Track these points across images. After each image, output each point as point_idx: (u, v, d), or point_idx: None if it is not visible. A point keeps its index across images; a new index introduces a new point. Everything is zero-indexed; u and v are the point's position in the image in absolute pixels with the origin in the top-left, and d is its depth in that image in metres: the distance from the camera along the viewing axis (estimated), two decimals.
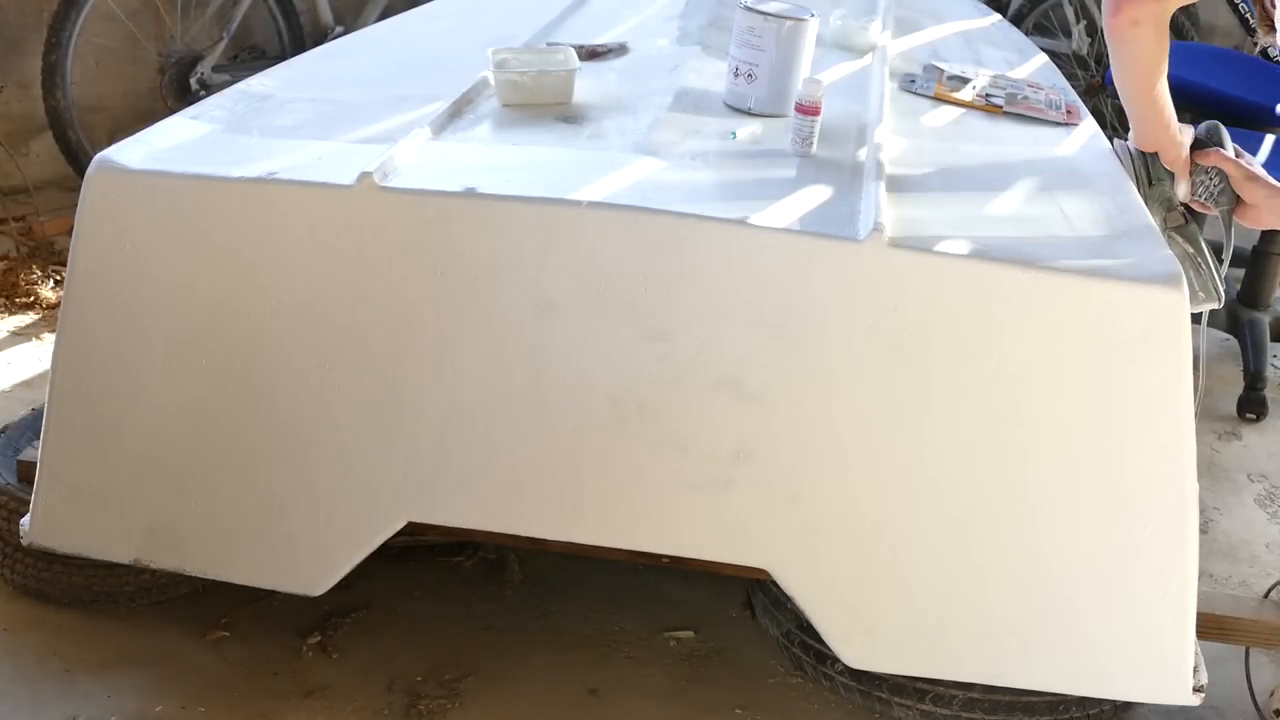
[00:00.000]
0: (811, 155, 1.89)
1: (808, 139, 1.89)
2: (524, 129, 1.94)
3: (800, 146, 1.89)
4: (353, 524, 1.77)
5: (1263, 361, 2.90)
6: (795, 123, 1.89)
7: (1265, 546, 2.40)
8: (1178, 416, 1.63)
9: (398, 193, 1.68)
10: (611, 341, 1.68)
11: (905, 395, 1.65)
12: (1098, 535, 1.67)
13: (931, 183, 1.88)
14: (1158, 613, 1.70)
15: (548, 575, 2.12)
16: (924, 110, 2.19)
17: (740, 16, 2.05)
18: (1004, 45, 2.77)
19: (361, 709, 1.82)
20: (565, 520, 1.76)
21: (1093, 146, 2.13)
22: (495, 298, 1.68)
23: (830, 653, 1.78)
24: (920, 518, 1.69)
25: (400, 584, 2.06)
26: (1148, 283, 1.62)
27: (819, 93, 1.87)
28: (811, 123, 1.88)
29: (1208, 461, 2.65)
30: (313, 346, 1.72)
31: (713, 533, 1.74)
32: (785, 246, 1.64)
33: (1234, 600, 1.92)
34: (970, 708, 1.81)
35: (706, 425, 1.69)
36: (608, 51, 2.32)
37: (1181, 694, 1.73)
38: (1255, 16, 3.31)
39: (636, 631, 2.02)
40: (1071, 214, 1.81)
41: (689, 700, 1.89)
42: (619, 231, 1.66)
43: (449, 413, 1.72)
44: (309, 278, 1.70)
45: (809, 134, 1.89)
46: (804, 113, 1.88)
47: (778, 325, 1.65)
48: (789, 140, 1.91)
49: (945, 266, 1.62)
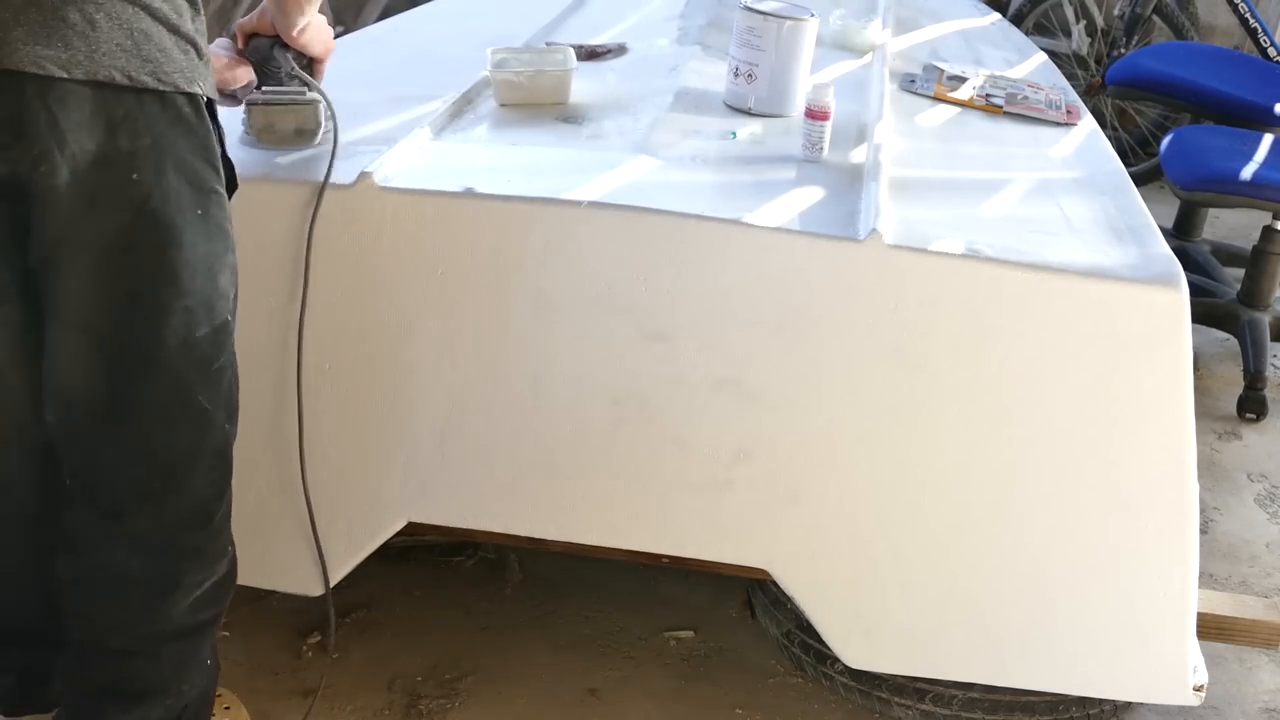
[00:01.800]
0: (822, 160, 1.88)
1: (817, 144, 1.88)
2: (524, 129, 1.94)
3: (810, 152, 1.88)
4: (353, 524, 1.77)
5: (1263, 361, 2.90)
6: (805, 128, 1.88)
7: (1265, 546, 2.40)
8: (1178, 416, 1.63)
9: (398, 193, 1.68)
10: (611, 341, 1.68)
11: (905, 395, 1.65)
12: (1098, 535, 1.67)
13: (931, 183, 1.88)
14: (1158, 613, 1.70)
15: (548, 575, 2.12)
16: (924, 110, 2.19)
17: (740, 16, 2.05)
18: (1004, 45, 2.77)
19: (361, 709, 1.83)
20: (565, 520, 1.76)
21: (1093, 146, 2.13)
22: (495, 298, 1.68)
23: (830, 653, 1.78)
24: (920, 518, 1.69)
25: (400, 584, 2.07)
26: (1148, 283, 1.62)
27: (828, 97, 1.86)
28: (821, 128, 1.87)
29: (1208, 461, 2.65)
30: (312, 347, 1.72)
31: (713, 533, 1.74)
32: (785, 246, 1.64)
33: (1234, 600, 1.92)
34: (970, 708, 1.81)
35: (706, 425, 1.69)
36: (606, 52, 2.32)
37: (1181, 694, 1.73)
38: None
39: (636, 631, 2.02)
40: (1071, 214, 1.81)
41: (689, 700, 1.89)
42: (619, 231, 1.66)
43: (449, 413, 1.72)
44: (309, 277, 1.70)
45: (819, 139, 1.88)
46: (814, 118, 1.87)
47: (778, 325, 1.65)
48: (799, 146, 1.90)
49: (945, 267, 1.62)
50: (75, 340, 1.32)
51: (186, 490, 1.43)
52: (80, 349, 1.33)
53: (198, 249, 1.32)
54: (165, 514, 1.43)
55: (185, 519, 1.44)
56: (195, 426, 1.40)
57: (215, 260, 1.35)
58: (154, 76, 1.24)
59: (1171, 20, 4.02)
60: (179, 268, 1.31)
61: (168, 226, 1.29)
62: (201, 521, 1.45)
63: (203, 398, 1.39)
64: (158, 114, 1.26)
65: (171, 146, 1.28)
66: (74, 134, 1.22)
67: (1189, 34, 4.01)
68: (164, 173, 1.28)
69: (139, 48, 1.23)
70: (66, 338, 1.32)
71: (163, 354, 1.34)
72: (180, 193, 1.30)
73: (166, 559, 1.44)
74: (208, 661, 1.55)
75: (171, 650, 1.49)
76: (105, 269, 1.29)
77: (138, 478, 1.41)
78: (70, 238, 1.27)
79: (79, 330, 1.32)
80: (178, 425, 1.39)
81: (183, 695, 1.52)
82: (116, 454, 1.39)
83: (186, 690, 1.52)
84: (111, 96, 1.23)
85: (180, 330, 1.34)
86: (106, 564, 1.44)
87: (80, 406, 1.36)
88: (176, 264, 1.31)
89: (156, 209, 1.28)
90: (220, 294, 1.37)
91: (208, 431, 1.42)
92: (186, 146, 1.30)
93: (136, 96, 1.24)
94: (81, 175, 1.23)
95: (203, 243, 1.33)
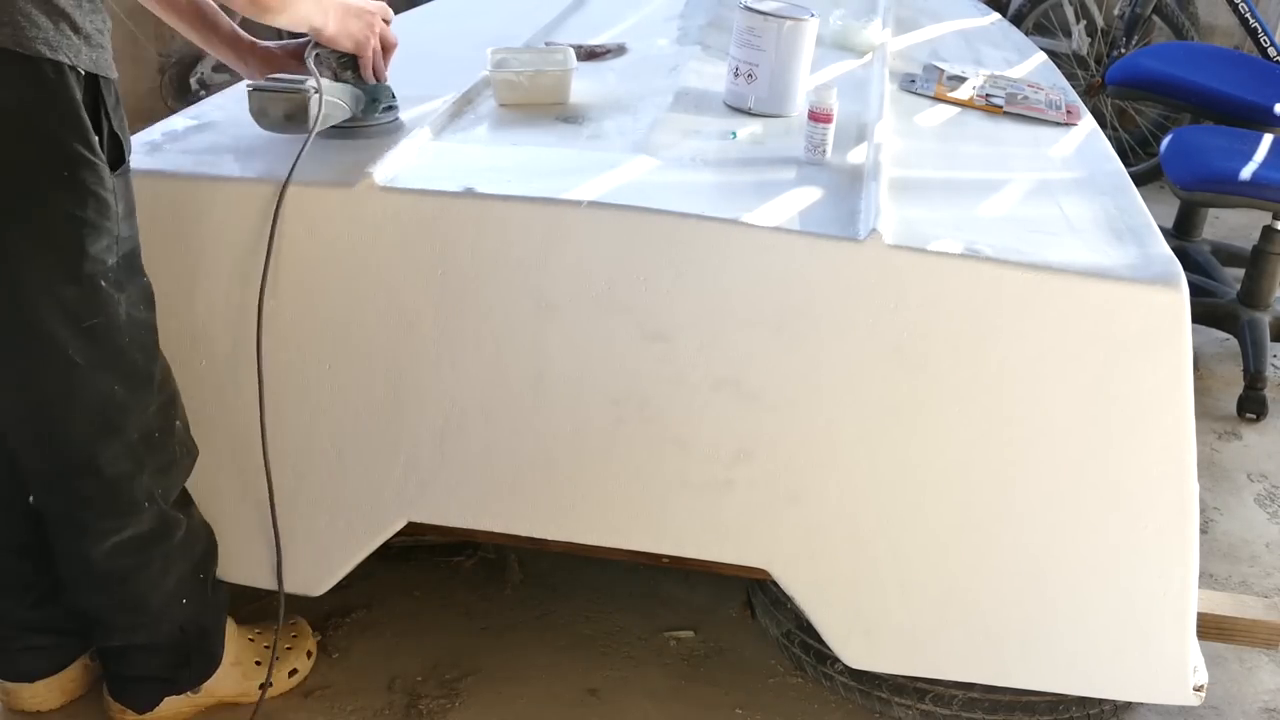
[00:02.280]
0: (825, 162, 1.87)
1: (820, 146, 1.87)
2: (524, 129, 1.94)
3: (813, 154, 1.88)
4: (353, 524, 1.77)
5: (1263, 361, 2.90)
6: (808, 130, 1.88)
7: (1265, 546, 2.40)
8: (1178, 416, 1.63)
9: (398, 192, 1.68)
10: (611, 341, 1.68)
11: (905, 395, 1.65)
12: (1098, 535, 1.67)
13: (931, 183, 1.88)
14: (1158, 613, 1.70)
15: (548, 575, 2.12)
16: (924, 110, 2.19)
17: (740, 16, 2.05)
18: (1004, 45, 2.77)
19: (361, 709, 1.83)
20: (565, 520, 1.76)
21: (1093, 146, 2.13)
22: (495, 298, 1.68)
23: (830, 653, 1.78)
24: (920, 517, 1.69)
25: (400, 584, 2.07)
26: (1148, 283, 1.62)
27: (831, 100, 1.86)
28: (824, 130, 1.87)
29: (1208, 461, 2.65)
30: (313, 346, 1.72)
31: (713, 533, 1.74)
32: (785, 246, 1.64)
33: (1234, 600, 1.92)
34: (970, 708, 1.81)
35: (706, 425, 1.69)
36: (605, 52, 2.32)
37: (1181, 694, 1.73)
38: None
39: (636, 631, 2.02)
40: (1071, 214, 1.81)
41: (689, 700, 1.89)
42: (619, 231, 1.66)
43: (449, 413, 1.72)
44: (309, 277, 1.70)
45: (821, 141, 1.87)
46: (817, 120, 1.86)
47: (778, 325, 1.65)
48: (801, 146, 1.90)
49: (945, 267, 1.62)
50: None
51: (65, 439, 1.53)
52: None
53: (60, 209, 1.41)
54: (49, 457, 1.55)
55: (72, 465, 1.55)
56: (65, 380, 1.49)
57: (83, 224, 1.43)
58: (14, 41, 1.32)
59: (1171, 20, 4.02)
60: (40, 226, 1.41)
61: (31, 184, 1.39)
62: (90, 472, 1.55)
63: (74, 353, 1.47)
64: (19, 78, 1.34)
65: (35, 111, 1.36)
66: None
67: (1189, 34, 4.01)
68: (26, 136, 1.36)
69: (3, 11, 1.32)
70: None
71: (24, 306, 1.44)
72: (45, 155, 1.38)
73: (65, 500, 1.58)
74: (184, 602, 1.69)
75: (110, 591, 1.64)
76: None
77: (17, 420, 1.54)
78: None
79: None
80: (46, 376, 1.49)
81: (143, 632, 1.69)
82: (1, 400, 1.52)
83: (144, 627, 1.68)
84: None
85: (41, 284, 1.43)
86: (27, 506, 1.62)
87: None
88: (38, 222, 1.41)
89: (20, 168, 1.37)
90: (89, 257, 1.44)
91: (80, 386, 1.50)
92: (52, 113, 1.37)
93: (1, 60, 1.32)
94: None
95: (69, 205, 1.41)
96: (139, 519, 1.60)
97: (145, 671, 1.74)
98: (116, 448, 1.54)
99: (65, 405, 1.50)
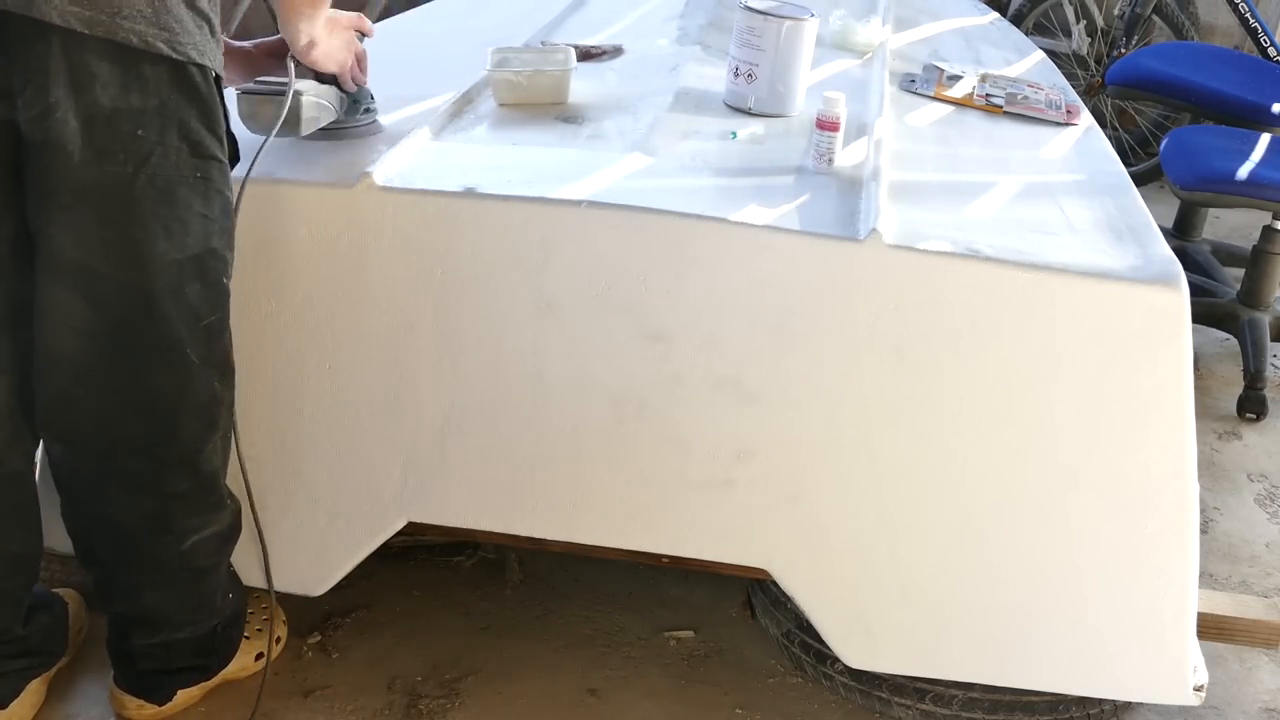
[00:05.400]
0: (832, 172, 1.85)
1: (826, 154, 1.85)
2: (524, 129, 1.94)
3: (819, 163, 1.86)
4: (353, 524, 1.77)
5: (1263, 361, 2.90)
6: (815, 138, 1.86)
7: (1265, 546, 2.40)
8: (1178, 416, 1.63)
9: (398, 192, 1.68)
10: (611, 341, 1.68)
11: (905, 395, 1.65)
12: (1098, 535, 1.67)
13: (931, 183, 1.88)
14: (1158, 613, 1.70)
15: (548, 575, 2.12)
16: (924, 110, 2.19)
17: (740, 16, 2.05)
18: (1003, 45, 2.77)
19: (361, 709, 1.83)
20: (565, 520, 1.76)
21: (1092, 146, 2.13)
22: (495, 298, 1.68)
23: (830, 653, 1.78)
24: (920, 518, 1.69)
25: (400, 584, 2.07)
26: (1148, 283, 1.62)
27: (839, 108, 1.83)
28: (831, 139, 1.84)
29: (1208, 461, 2.65)
30: (313, 346, 1.72)
31: (713, 533, 1.74)
32: (785, 246, 1.64)
33: (1234, 600, 1.92)
34: (970, 708, 1.81)
35: (706, 425, 1.69)
36: (602, 53, 2.32)
37: (1181, 694, 1.73)
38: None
39: (636, 631, 2.02)
40: (1071, 214, 1.81)
41: (688, 700, 1.89)
42: (619, 231, 1.66)
43: (449, 413, 1.72)
44: (309, 277, 1.70)
45: (828, 149, 1.85)
46: (824, 128, 1.84)
47: (778, 325, 1.65)
48: (807, 154, 1.88)
49: (945, 267, 1.62)
50: (70, 296, 1.42)
51: (172, 437, 1.53)
52: (75, 305, 1.42)
53: (193, 208, 1.43)
54: (152, 457, 1.54)
55: (170, 464, 1.55)
56: (180, 377, 1.51)
57: (210, 223, 1.45)
58: (169, 45, 1.34)
59: (1171, 20, 4.02)
60: (173, 223, 1.42)
61: (167, 182, 1.40)
62: (188, 469, 1.56)
63: (190, 350, 1.49)
64: (167, 79, 1.36)
65: (177, 111, 1.39)
66: (88, 87, 1.32)
67: (1189, 34, 4.01)
68: (168, 133, 1.38)
69: (158, 16, 1.33)
70: (60, 294, 1.42)
71: (152, 304, 1.44)
72: (181, 153, 1.40)
73: (156, 501, 1.57)
74: (229, 595, 1.72)
75: (181, 589, 1.65)
76: (104, 217, 1.39)
77: (125, 422, 1.51)
78: (73, 186, 1.36)
79: (74, 280, 1.42)
80: (163, 374, 1.50)
81: (199, 626, 1.70)
82: (104, 403, 1.50)
83: (204, 621, 1.70)
84: (128, 57, 1.33)
85: (172, 283, 1.44)
86: (102, 510, 1.58)
87: (69, 365, 1.46)
88: (171, 220, 1.41)
89: (157, 165, 1.39)
90: (213, 254, 1.47)
91: (192, 383, 1.52)
92: (192, 113, 1.40)
93: (151, 61, 1.34)
94: (90, 127, 1.34)
95: (199, 203, 1.44)
96: (221, 516, 1.63)
97: (183, 663, 1.74)
98: (215, 444, 1.57)
99: (177, 402, 1.51)
